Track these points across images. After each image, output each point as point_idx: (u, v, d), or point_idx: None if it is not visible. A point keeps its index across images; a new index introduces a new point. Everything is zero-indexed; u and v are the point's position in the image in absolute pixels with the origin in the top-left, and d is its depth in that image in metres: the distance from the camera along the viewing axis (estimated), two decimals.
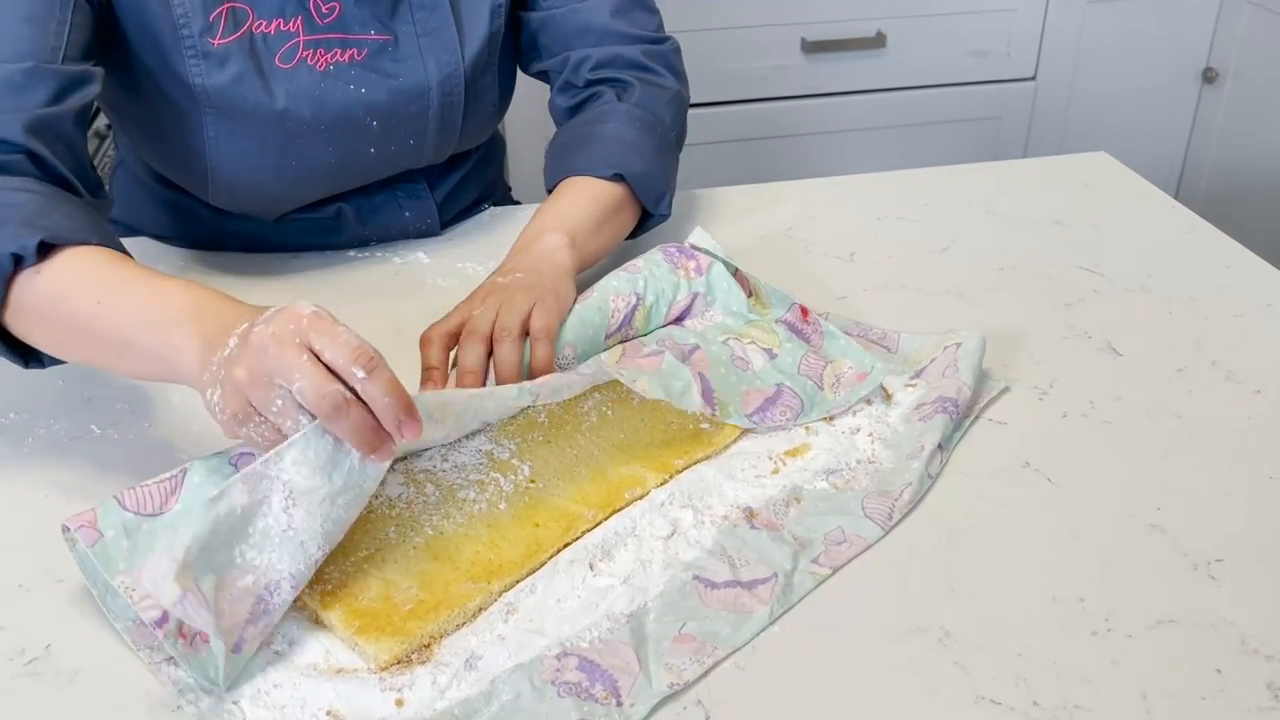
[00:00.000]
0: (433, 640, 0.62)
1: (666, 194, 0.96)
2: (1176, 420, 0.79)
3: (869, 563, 0.68)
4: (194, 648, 0.58)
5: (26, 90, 0.77)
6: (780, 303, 0.86)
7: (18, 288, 0.70)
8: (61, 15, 0.80)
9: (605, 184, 0.93)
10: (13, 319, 0.72)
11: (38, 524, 0.71)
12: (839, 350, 0.83)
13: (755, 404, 0.79)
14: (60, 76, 0.79)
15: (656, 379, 0.76)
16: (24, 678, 0.61)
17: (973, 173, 1.17)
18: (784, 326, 0.85)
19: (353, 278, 0.99)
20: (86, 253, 0.71)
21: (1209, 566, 0.67)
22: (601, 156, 0.93)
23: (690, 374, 0.78)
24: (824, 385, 0.80)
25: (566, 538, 0.69)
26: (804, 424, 0.78)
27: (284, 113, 0.89)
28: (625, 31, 1.00)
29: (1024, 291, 0.95)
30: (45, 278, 0.70)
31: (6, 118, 0.76)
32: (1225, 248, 1.01)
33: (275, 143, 0.90)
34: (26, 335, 0.73)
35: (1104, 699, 0.59)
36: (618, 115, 0.96)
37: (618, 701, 0.59)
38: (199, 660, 0.58)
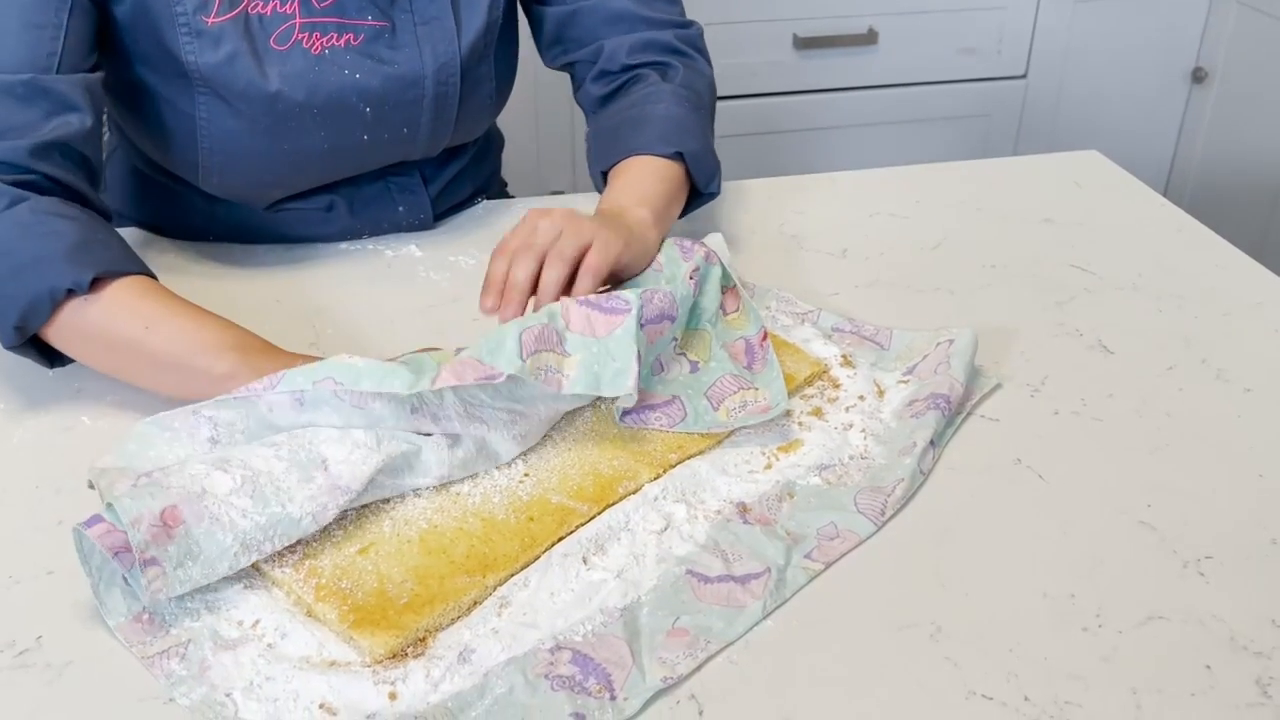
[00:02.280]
0: (427, 634, 0.62)
1: (717, 173, 0.97)
2: (1166, 418, 0.80)
3: (861, 558, 0.68)
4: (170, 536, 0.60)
5: (30, 105, 0.80)
6: (753, 323, 0.84)
7: (66, 314, 0.76)
8: (57, 20, 0.81)
9: (667, 162, 0.93)
10: (56, 337, 0.78)
11: (27, 516, 0.71)
12: (766, 381, 0.80)
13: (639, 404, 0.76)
14: (62, 87, 0.81)
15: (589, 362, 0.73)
16: (14, 670, 0.60)
17: (964, 170, 1.17)
18: (739, 345, 0.83)
19: (344, 270, 0.98)
20: (131, 283, 0.78)
21: (1199, 564, 0.67)
22: (660, 135, 0.94)
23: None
24: (720, 408, 0.78)
25: (560, 532, 0.69)
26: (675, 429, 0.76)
27: (276, 95, 0.89)
28: (654, 17, 1.02)
29: (1015, 289, 0.96)
30: (96, 307, 0.76)
31: (10, 144, 0.79)
32: (1215, 247, 1.02)
33: (267, 125, 0.90)
34: (65, 348, 0.79)
35: (1094, 695, 0.59)
36: (666, 95, 0.97)
37: (611, 695, 0.59)
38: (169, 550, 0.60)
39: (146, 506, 0.60)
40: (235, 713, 0.58)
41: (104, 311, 0.76)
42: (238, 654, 0.61)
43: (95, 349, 0.78)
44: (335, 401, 0.68)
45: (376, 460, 0.66)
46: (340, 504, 0.65)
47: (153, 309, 0.77)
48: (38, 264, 0.75)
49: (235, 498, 0.62)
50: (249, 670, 0.60)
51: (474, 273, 0.98)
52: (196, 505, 0.62)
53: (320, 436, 0.67)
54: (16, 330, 0.76)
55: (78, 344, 0.78)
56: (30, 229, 0.77)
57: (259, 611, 0.63)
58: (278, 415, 0.69)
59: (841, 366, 0.84)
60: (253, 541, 0.62)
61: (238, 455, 0.65)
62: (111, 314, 0.76)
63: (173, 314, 0.77)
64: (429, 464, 0.69)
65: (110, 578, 0.62)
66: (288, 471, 0.65)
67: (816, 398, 0.81)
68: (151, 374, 0.77)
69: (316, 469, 0.65)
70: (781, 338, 0.87)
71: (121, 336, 0.76)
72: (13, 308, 0.75)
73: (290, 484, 0.64)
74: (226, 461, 0.64)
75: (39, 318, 0.76)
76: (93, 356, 0.79)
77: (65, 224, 0.78)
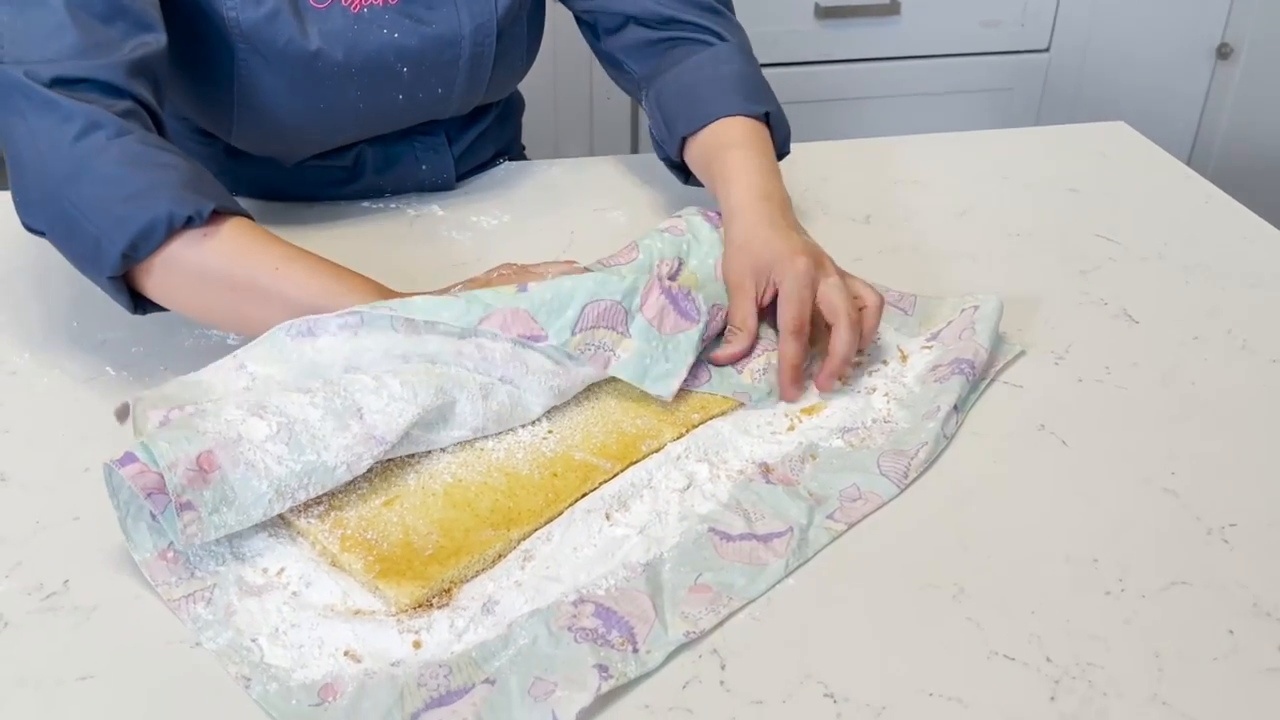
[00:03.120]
0: (453, 585, 0.62)
1: (789, 134, 0.95)
2: (1191, 387, 0.79)
3: (884, 520, 0.68)
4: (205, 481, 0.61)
5: (110, 24, 0.77)
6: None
7: (176, 247, 0.73)
8: None
9: (755, 123, 0.90)
10: (158, 270, 0.74)
11: (54, 463, 0.71)
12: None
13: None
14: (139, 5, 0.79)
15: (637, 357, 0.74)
16: (42, 612, 0.61)
17: (989, 139, 1.16)
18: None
19: (366, 228, 0.98)
20: (247, 224, 0.76)
21: (1222, 531, 0.67)
22: (747, 94, 0.91)
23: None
24: (743, 371, 0.78)
25: (584, 488, 0.69)
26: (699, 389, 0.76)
27: (317, 53, 0.88)
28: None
29: (1040, 257, 0.95)
30: (213, 242, 0.73)
31: (102, 61, 0.75)
32: (1242, 219, 1.01)
33: (305, 83, 0.90)
34: (167, 292, 0.75)
35: (1116, 657, 0.59)
36: (734, 55, 0.94)
37: (634, 648, 0.59)
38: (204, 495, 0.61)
39: (183, 451, 0.60)
40: (261, 658, 0.58)
41: (222, 248, 0.73)
42: (263, 600, 0.61)
43: (212, 289, 0.74)
44: (389, 330, 0.69)
45: (413, 412, 0.66)
46: (375, 454, 0.65)
47: (281, 250, 0.74)
48: (154, 190, 0.72)
49: (271, 444, 0.63)
50: (274, 616, 0.60)
51: (495, 232, 0.98)
52: (232, 451, 0.62)
53: (356, 385, 0.67)
54: (124, 258, 0.72)
55: (188, 282, 0.74)
56: (141, 159, 0.73)
57: (284, 560, 0.64)
58: (325, 354, 0.69)
59: None
60: (287, 489, 0.63)
61: (273, 401, 0.65)
62: (234, 252, 0.73)
63: (300, 257, 0.75)
64: (463, 416, 0.69)
65: (138, 513, 0.62)
66: (323, 419, 0.65)
67: None
68: (277, 319, 0.72)
69: (352, 417, 0.65)
70: None
71: (245, 276, 0.73)
72: (124, 232, 0.71)
73: (326, 432, 0.64)
74: (262, 408, 0.64)
75: (150, 244, 0.72)
76: (203, 298, 0.75)
77: (176, 158, 0.75)
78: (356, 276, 0.76)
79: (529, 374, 0.71)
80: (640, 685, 0.57)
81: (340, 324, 0.70)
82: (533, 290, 0.72)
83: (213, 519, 0.61)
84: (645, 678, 0.58)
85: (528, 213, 1.01)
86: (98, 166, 0.72)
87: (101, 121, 0.73)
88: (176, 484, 0.60)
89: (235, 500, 0.61)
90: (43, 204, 0.74)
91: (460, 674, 0.58)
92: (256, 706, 0.56)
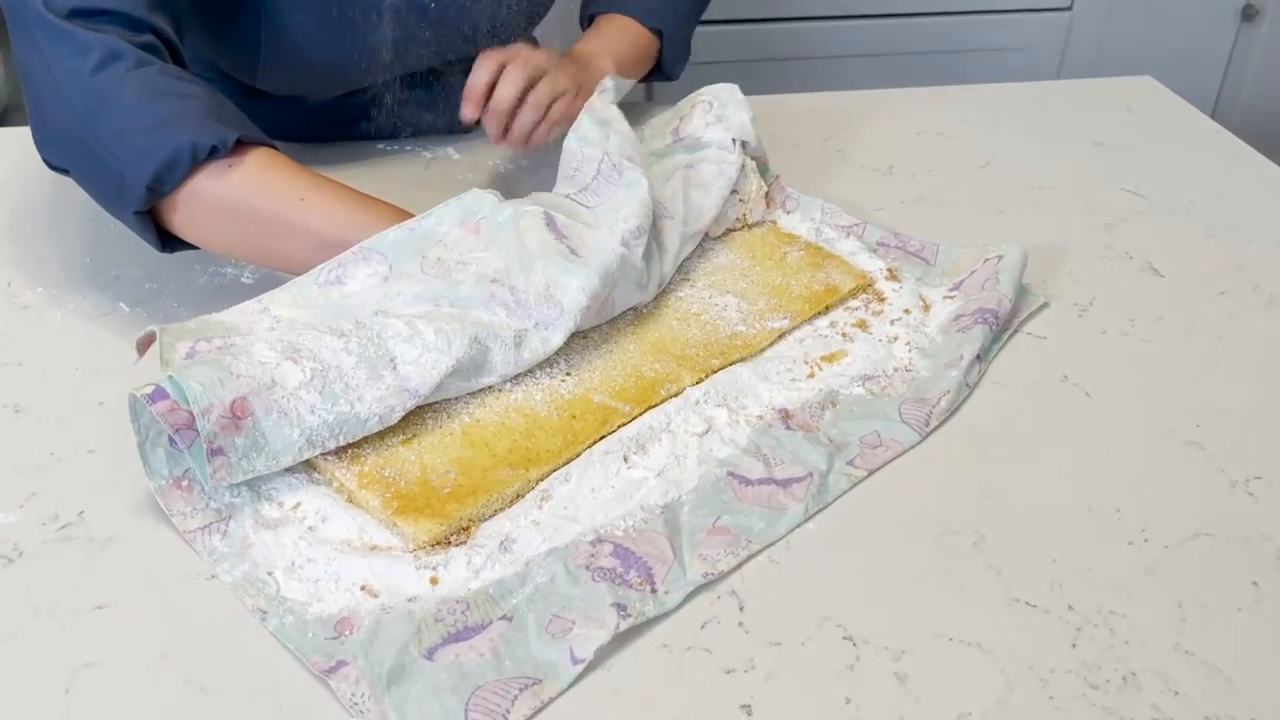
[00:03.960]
0: (471, 523, 0.62)
1: (683, 62, 1.01)
2: (1217, 341, 0.78)
3: (904, 467, 0.67)
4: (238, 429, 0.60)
5: None
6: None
7: (201, 179, 0.71)
8: None
9: (646, 33, 0.97)
10: (180, 209, 0.72)
11: (69, 397, 0.71)
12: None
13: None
14: None
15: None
16: (58, 542, 0.61)
17: (1013, 92, 1.14)
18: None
19: (381, 171, 0.97)
20: (273, 154, 0.74)
21: (1247, 484, 0.66)
22: (650, 6, 0.97)
23: None
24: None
25: (602, 431, 0.68)
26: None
27: None
28: None
29: (1063, 210, 0.94)
30: (238, 173, 0.71)
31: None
32: (1270, 175, 1.00)
33: (333, 23, 0.88)
34: (193, 227, 0.73)
35: (1139, 606, 0.58)
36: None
37: (652, 588, 0.59)
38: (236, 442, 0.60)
39: (217, 396, 0.59)
40: (277, 591, 0.58)
41: (248, 180, 0.71)
42: (278, 534, 0.61)
43: (237, 221, 0.72)
44: (419, 275, 0.69)
45: (446, 364, 0.65)
46: (407, 406, 0.64)
47: (307, 181, 0.72)
48: (176, 121, 0.70)
49: (304, 392, 0.61)
50: (290, 550, 0.60)
51: (510, 176, 0.97)
52: (265, 397, 0.61)
53: (390, 331, 0.66)
54: (149, 191, 0.70)
55: (213, 216, 0.72)
56: (161, 90, 0.71)
57: (299, 495, 0.63)
58: (354, 299, 0.68)
59: (887, 280, 0.83)
60: (318, 438, 0.62)
61: (306, 344, 0.64)
62: (258, 184, 0.71)
63: (327, 187, 0.73)
64: (495, 364, 0.68)
65: (156, 438, 0.61)
66: (356, 367, 0.63)
67: (861, 310, 0.80)
68: (306, 250, 0.72)
69: (385, 367, 0.64)
70: (826, 249, 0.86)
71: (271, 209, 0.71)
72: (147, 164, 0.69)
73: (359, 381, 0.63)
74: (296, 351, 0.63)
75: (175, 176, 0.70)
76: (228, 232, 0.73)
77: (197, 88, 0.73)
78: (383, 206, 0.74)
79: (563, 314, 0.70)
80: (658, 625, 0.57)
81: (369, 272, 0.69)
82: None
83: (242, 464, 0.60)
84: (663, 618, 0.57)
85: (542, 156, 1.00)
86: (117, 98, 0.71)
87: (121, 52, 0.71)
88: (209, 430, 0.59)
89: (266, 447, 0.61)
90: (64, 141, 0.73)
91: (477, 610, 0.57)
92: (273, 639, 0.56)
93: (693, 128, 0.88)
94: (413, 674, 0.54)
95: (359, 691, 0.53)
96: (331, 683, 0.53)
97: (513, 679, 0.54)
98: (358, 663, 0.54)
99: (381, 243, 0.71)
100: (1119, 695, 0.54)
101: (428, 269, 0.70)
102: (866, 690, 0.54)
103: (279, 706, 0.53)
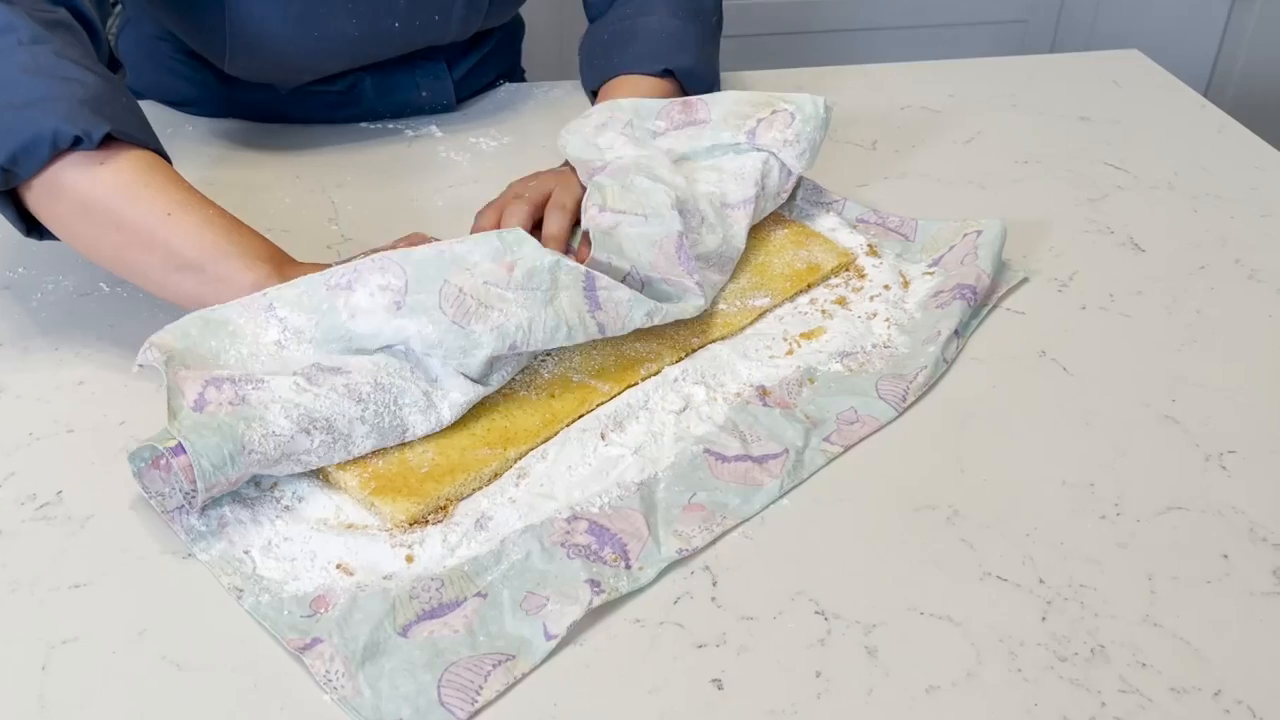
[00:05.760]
0: (448, 502, 0.62)
1: (715, 83, 0.94)
2: (1196, 315, 0.78)
3: (881, 443, 0.68)
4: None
5: None
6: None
7: (64, 168, 0.66)
8: None
9: (655, 80, 0.90)
10: (42, 196, 0.68)
11: (47, 376, 0.71)
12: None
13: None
14: None
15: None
16: (36, 521, 0.61)
17: (1001, 66, 1.14)
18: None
19: (365, 151, 0.97)
20: (150, 159, 0.69)
21: (1221, 458, 0.67)
22: (648, 51, 0.90)
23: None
24: None
25: (580, 409, 0.68)
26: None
27: None
28: None
29: (1047, 185, 0.94)
30: (107, 171, 0.67)
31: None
32: (1255, 147, 0.99)
33: (297, 11, 0.88)
34: (53, 217, 0.69)
35: (1110, 579, 0.59)
36: (659, 6, 0.93)
37: (626, 564, 0.59)
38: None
39: (225, 475, 0.59)
40: (254, 569, 0.58)
41: (116, 181, 0.67)
42: (255, 513, 0.61)
43: (95, 223, 0.68)
44: (435, 310, 0.64)
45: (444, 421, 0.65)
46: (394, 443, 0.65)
47: (178, 196, 0.68)
48: (46, 103, 0.66)
49: (307, 455, 0.61)
50: (267, 529, 0.60)
51: (494, 154, 0.97)
52: (273, 467, 0.61)
53: (406, 399, 0.64)
54: (4, 172, 0.66)
55: (73, 212, 0.68)
56: (44, 70, 0.67)
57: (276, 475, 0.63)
58: (361, 322, 0.64)
59: (867, 256, 0.83)
60: (303, 464, 0.62)
61: (323, 412, 0.61)
62: (126, 187, 0.67)
63: (200, 206, 0.68)
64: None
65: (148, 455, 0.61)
66: (367, 436, 0.63)
67: (841, 286, 0.80)
68: (160, 269, 0.67)
69: (394, 437, 0.64)
70: (808, 226, 0.86)
71: (134, 217, 0.67)
72: (4, 144, 0.65)
73: (360, 434, 0.62)
74: (312, 422, 0.61)
75: (32, 162, 0.66)
76: (86, 232, 0.68)
77: (89, 75, 0.68)
78: (253, 237, 0.69)
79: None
80: (632, 601, 0.57)
81: (381, 284, 0.64)
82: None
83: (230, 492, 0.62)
84: (637, 593, 0.58)
85: (527, 134, 1.00)
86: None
87: (16, 25, 0.68)
88: (208, 497, 0.59)
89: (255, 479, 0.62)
90: None
91: (452, 587, 0.58)
92: (248, 617, 0.56)
93: (769, 140, 0.83)
94: (387, 651, 0.54)
95: (333, 668, 0.53)
96: (306, 660, 0.54)
97: (486, 655, 0.54)
98: (332, 640, 0.54)
99: (407, 257, 0.65)
100: (1087, 667, 0.54)
101: (446, 306, 0.64)
102: (837, 663, 0.54)
103: (254, 684, 0.53)
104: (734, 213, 0.80)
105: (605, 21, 0.97)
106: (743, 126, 0.84)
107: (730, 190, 0.80)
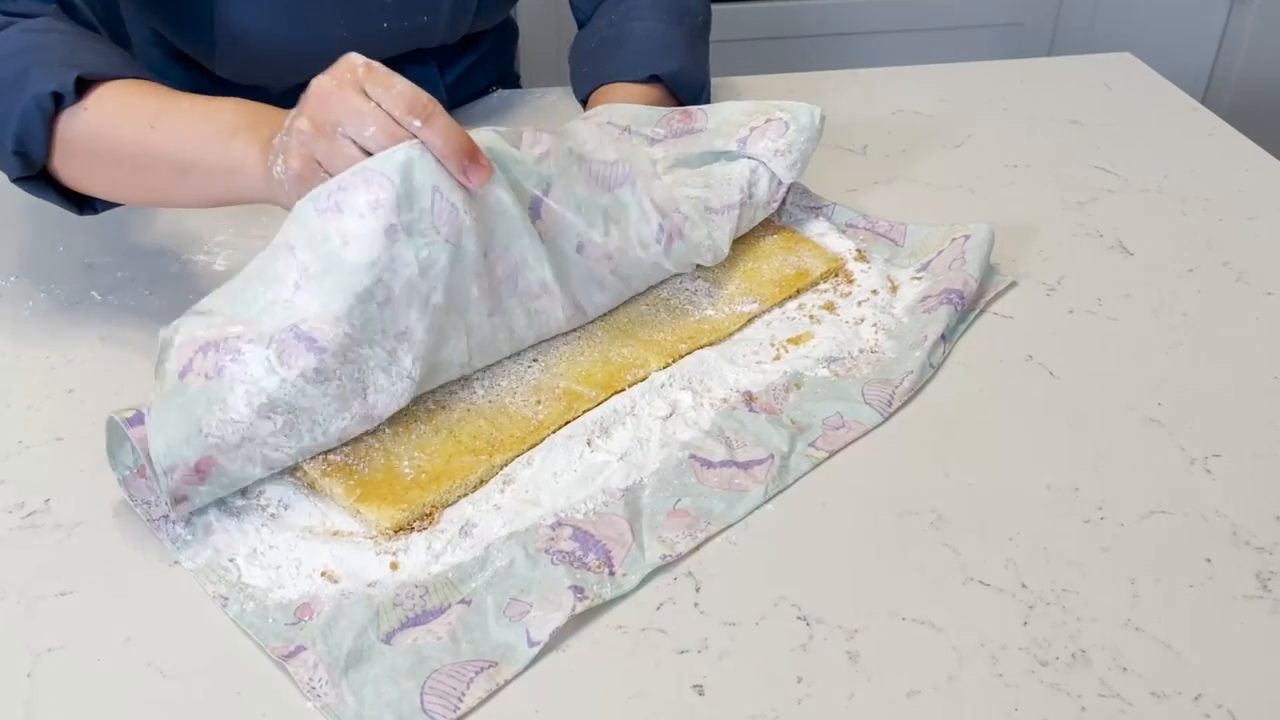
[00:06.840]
0: (434, 509, 0.62)
1: (705, 86, 0.93)
2: (1183, 319, 0.78)
3: (866, 448, 0.68)
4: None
5: None
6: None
7: (63, 127, 0.68)
8: None
9: (642, 88, 0.89)
10: (62, 163, 0.70)
11: (38, 384, 0.71)
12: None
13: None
14: None
15: None
16: (23, 529, 0.61)
17: (992, 70, 1.14)
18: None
19: None
20: (128, 84, 0.69)
21: (1205, 461, 0.67)
22: (634, 58, 0.90)
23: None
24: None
25: (566, 416, 0.68)
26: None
27: None
28: None
29: (1036, 189, 0.94)
30: (92, 112, 0.67)
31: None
32: (1245, 151, 1.00)
33: (285, 13, 0.88)
34: (77, 178, 0.70)
35: (1092, 583, 0.59)
36: (644, 10, 0.93)
37: (610, 570, 0.59)
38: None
39: (181, 458, 0.58)
40: (239, 577, 0.59)
41: (100, 118, 0.67)
42: (241, 521, 0.61)
43: (105, 165, 0.68)
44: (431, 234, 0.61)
45: (413, 392, 0.65)
46: (367, 429, 0.65)
47: (157, 104, 0.67)
48: (20, 77, 0.67)
49: (273, 438, 0.61)
50: (252, 537, 0.61)
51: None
52: (234, 452, 0.60)
53: (372, 360, 0.62)
54: (18, 156, 0.68)
55: (87, 165, 0.69)
56: (12, 51, 0.68)
57: (262, 483, 0.64)
58: (353, 249, 0.60)
59: (855, 261, 0.83)
60: (276, 464, 0.62)
61: (285, 399, 0.60)
62: (111, 117, 0.67)
63: (176, 106, 0.66)
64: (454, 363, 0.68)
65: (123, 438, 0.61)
66: (327, 404, 0.62)
67: (829, 292, 0.80)
68: (167, 184, 0.67)
69: (356, 398, 0.63)
70: (797, 231, 0.86)
71: (125, 142, 0.66)
72: (6, 130, 0.67)
73: (327, 416, 0.62)
74: (273, 409, 0.60)
75: (36, 137, 0.68)
76: (104, 177, 0.70)
77: (54, 38, 0.69)
78: (230, 106, 0.66)
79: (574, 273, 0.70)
80: (615, 607, 0.58)
81: (369, 200, 0.59)
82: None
83: (204, 497, 0.61)
84: (620, 599, 0.58)
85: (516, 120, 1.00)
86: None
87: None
88: (171, 486, 0.59)
89: (227, 482, 0.61)
90: None
91: (437, 594, 0.58)
92: (233, 625, 0.56)
93: (760, 149, 0.83)
94: (370, 658, 0.55)
95: (317, 676, 0.54)
96: (289, 667, 0.54)
97: (469, 662, 0.55)
98: (316, 647, 0.55)
99: (387, 163, 0.60)
100: (1068, 672, 0.54)
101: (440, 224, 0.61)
102: (818, 669, 0.54)
103: (238, 691, 0.53)
104: (717, 217, 0.80)
105: (593, 28, 0.97)
106: (735, 135, 0.84)
107: (713, 196, 0.80)
